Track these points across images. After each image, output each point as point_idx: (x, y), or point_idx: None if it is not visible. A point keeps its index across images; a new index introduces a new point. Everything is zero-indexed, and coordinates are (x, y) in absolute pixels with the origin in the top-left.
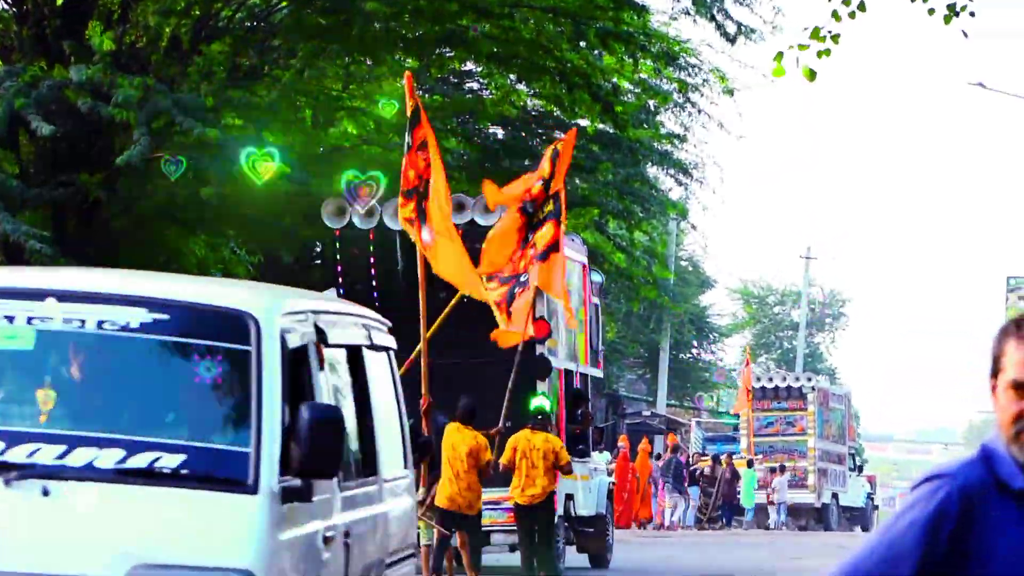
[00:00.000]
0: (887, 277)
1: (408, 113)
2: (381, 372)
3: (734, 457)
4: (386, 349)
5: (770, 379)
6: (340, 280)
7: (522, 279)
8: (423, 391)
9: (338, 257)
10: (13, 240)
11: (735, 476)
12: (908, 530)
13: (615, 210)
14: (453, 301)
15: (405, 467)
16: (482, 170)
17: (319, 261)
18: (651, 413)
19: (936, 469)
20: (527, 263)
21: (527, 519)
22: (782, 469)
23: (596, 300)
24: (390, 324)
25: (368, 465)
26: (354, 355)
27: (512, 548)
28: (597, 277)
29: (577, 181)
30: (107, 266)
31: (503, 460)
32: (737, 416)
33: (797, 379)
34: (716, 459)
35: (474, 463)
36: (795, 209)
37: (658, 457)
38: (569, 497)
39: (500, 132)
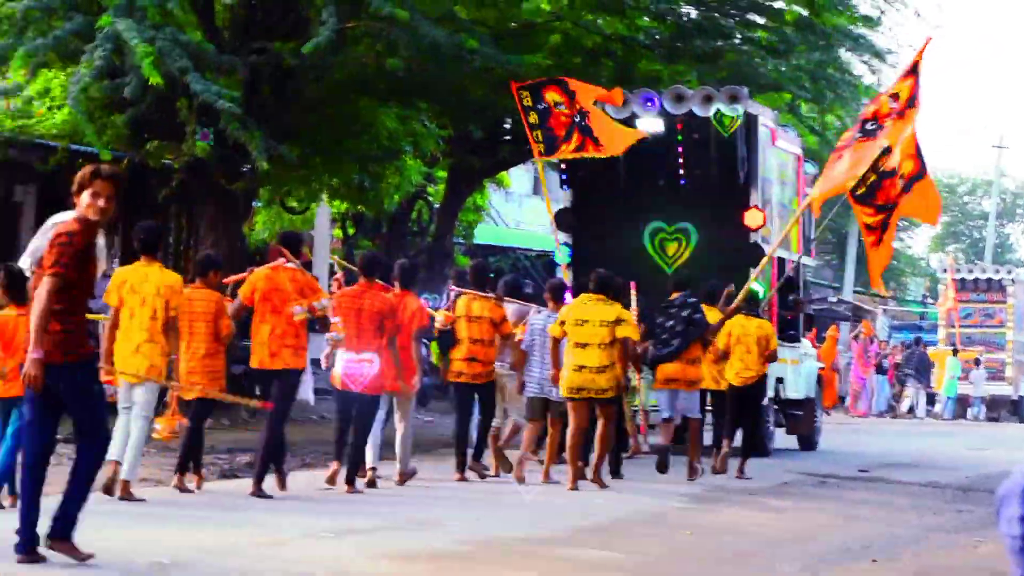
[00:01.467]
0: None
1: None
2: None
3: (929, 348)
4: None
5: (970, 271)
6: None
7: None
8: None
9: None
10: (201, 100)
11: (929, 365)
12: None
13: (807, 95)
14: None
15: None
16: (675, 49)
17: (508, 137)
18: (837, 300)
19: None
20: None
21: (738, 401)
22: (977, 363)
23: (809, 190)
24: None
25: None
26: None
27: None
28: (811, 168)
29: (769, 66)
30: (300, 136)
31: (720, 346)
32: (923, 304)
33: (997, 271)
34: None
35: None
36: (989, 99)
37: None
38: (779, 380)
39: (693, 12)
